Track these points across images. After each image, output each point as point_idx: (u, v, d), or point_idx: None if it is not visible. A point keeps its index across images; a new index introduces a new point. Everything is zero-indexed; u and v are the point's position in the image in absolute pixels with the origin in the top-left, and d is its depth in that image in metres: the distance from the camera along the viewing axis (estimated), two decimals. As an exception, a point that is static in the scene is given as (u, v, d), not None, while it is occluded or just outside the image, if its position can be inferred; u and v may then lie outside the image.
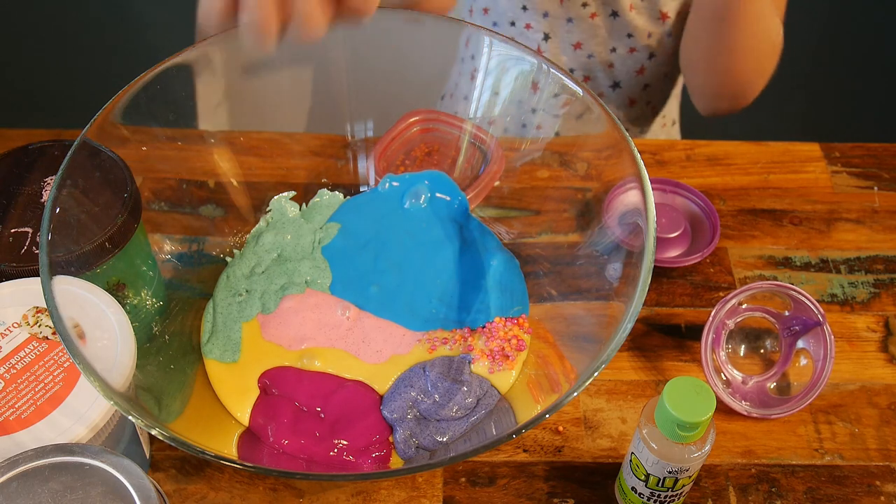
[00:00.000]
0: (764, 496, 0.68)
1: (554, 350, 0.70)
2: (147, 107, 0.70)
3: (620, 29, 0.98)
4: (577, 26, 0.97)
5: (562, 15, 0.96)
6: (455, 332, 0.73)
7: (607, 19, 0.97)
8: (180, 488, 0.67)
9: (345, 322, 0.73)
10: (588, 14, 0.96)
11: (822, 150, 0.92)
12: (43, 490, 0.51)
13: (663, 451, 0.59)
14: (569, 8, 0.95)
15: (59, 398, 0.59)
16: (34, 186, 0.69)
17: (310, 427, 0.67)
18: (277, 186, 0.81)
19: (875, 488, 0.68)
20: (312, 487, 0.67)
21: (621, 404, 0.73)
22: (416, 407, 0.68)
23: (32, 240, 0.66)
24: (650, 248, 0.62)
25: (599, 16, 0.96)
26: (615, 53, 1.00)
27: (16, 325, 0.62)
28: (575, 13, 0.95)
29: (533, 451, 0.70)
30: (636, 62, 1.01)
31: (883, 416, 0.73)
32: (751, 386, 0.74)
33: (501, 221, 0.80)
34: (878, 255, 0.83)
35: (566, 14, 0.96)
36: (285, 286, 0.75)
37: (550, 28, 1.00)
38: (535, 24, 1.00)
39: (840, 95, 1.81)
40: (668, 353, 0.76)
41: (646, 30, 0.98)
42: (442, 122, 0.83)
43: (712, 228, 0.82)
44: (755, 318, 0.75)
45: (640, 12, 0.97)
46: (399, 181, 0.80)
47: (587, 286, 0.72)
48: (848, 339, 0.77)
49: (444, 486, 0.68)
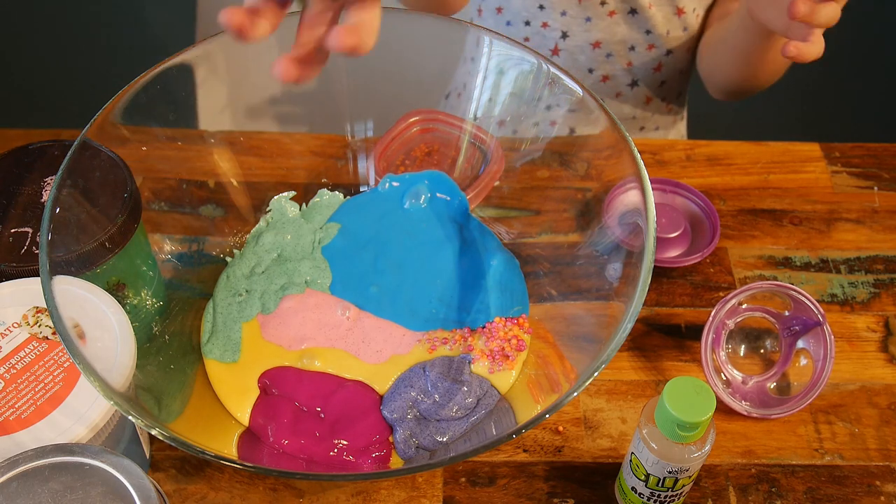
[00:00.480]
0: (764, 496, 0.68)
1: (554, 350, 0.70)
2: (147, 107, 0.70)
3: (639, 26, 0.98)
4: (596, 25, 0.96)
5: (580, 14, 0.95)
6: (455, 332, 0.73)
7: (626, 16, 0.96)
8: (180, 488, 0.67)
9: (345, 322, 0.73)
10: (606, 12, 0.95)
11: (822, 150, 0.92)
12: (43, 490, 0.51)
13: (663, 451, 0.59)
14: (587, 6, 0.95)
15: (59, 398, 0.59)
16: (34, 186, 0.69)
17: (310, 427, 0.67)
18: (277, 186, 0.81)
19: (875, 488, 0.68)
20: (312, 487, 0.67)
21: (621, 404, 0.72)
22: (416, 407, 0.68)
23: (32, 240, 0.66)
24: (650, 248, 0.62)
25: (618, 13, 0.96)
26: (634, 52, 1.00)
27: (16, 325, 0.62)
28: (593, 11, 0.95)
29: (533, 451, 0.70)
30: (654, 59, 1.01)
31: (883, 416, 0.73)
32: (751, 386, 0.74)
33: (501, 221, 0.80)
34: (878, 255, 0.83)
35: (584, 13, 0.95)
36: (285, 286, 0.75)
37: (568, 27, 1.00)
38: (553, 22, 0.99)
39: (840, 95, 1.81)
40: (668, 353, 0.76)
41: (664, 26, 0.98)
42: (442, 122, 0.83)
43: (712, 228, 0.82)
44: (755, 318, 0.75)
45: (660, 7, 0.97)
46: (399, 181, 0.80)
47: (587, 286, 0.72)
48: (848, 339, 0.77)
49: (444, 486, 0.68)
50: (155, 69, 0.70)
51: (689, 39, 1.02)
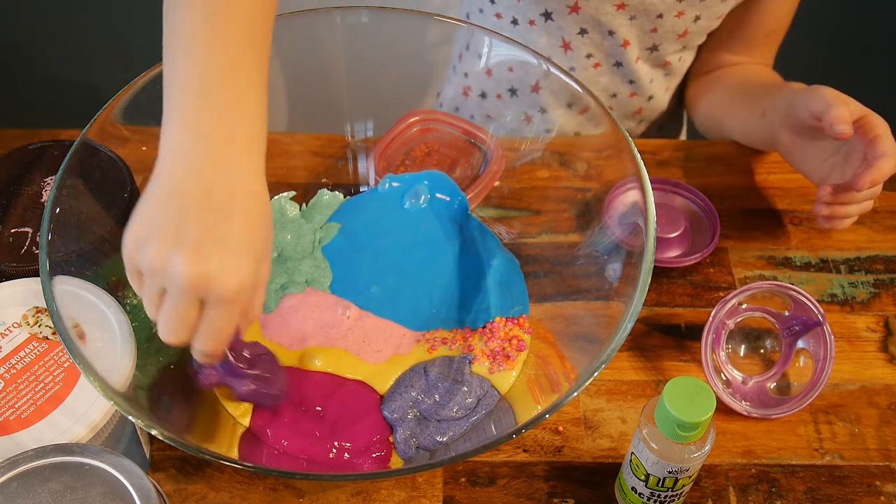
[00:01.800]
0: (764, 496, 0.68)
1: (554, 350, 0.70)
2: (147, 107, 0.70)
3: (623, 77, 0.97)
4: (579, 74, 0.95)
5: (564, 63, 0.95)
6: (455, 333, 0.73)
7: (611, 69, 0.95)
8: (180, 488, 0.67)
9: (345, 322, 0.73)
10: (592, 64, 0.94)
11: (822, 150, 0.92)
12: (43, 490, 0.51)
13: (663, 451, 0.59)
14: (572, 57, 0.94)
15: (59, 398, 0.59)
16: (34, 186, 0.69)
17: (310, 427, 0.67)
18: (277, 186, 0.81)
19: (875, 488, 0.68)
20: (312, 487, 0.67)
21: (621, 404, 0.72)
22: (416, 407, 0.68)
23: (32, 240, 0.66)
24: (650, 248, 0.62)
25: (603, 65, 0.95)
26: (615, 99, 0.99)
27: (16, 325, 0.62)
28: (578, 62, 0.94)
29: (533, 451, 0.70)
30: (634, 106, 1.00)
31: (883, 416, 0.73)
32: (751, 386, 0.74)
33: (501, 221, 0.80)
34: (878, 255, 0.83)
35: (569, 63, 0.94)
36: (285, 285, 0.75)
37: None
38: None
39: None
40: (668, 353, 0.76)
41: (648, 76, 0.97)
42: (442, 122, 0.83)
43: (712, 228, 0.82)
44: (755, 318, 0.75)
45: (645, 61, 0.96)
46: (399, 181, 0.80)
47: (587, 286, 0.72)
48: (848, 339, 0.77)
49: (444, 486, 0.68)
50: (155, 69, 0.70)
51: (671, 83, 1.01)
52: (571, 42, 0.92)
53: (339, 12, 0.77)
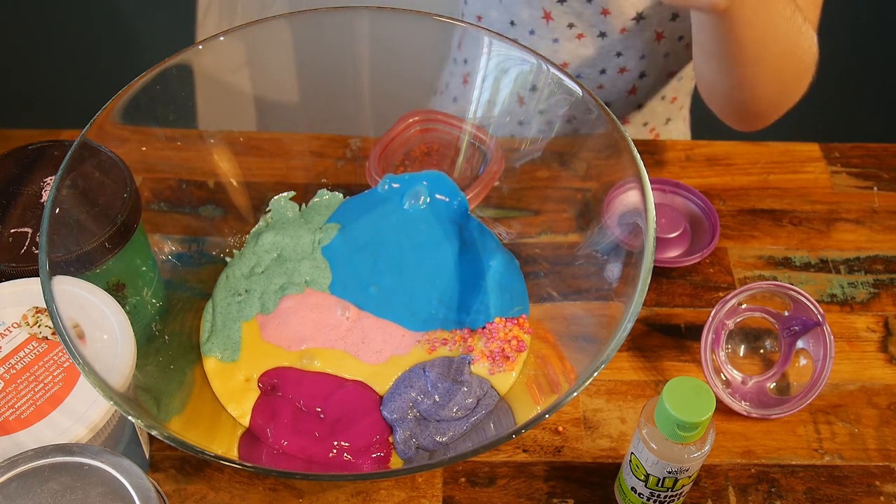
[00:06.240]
0: (764, 496, 0.68)
1: (554, 350, 0.70)
2: (147, 107, 0.70)
3: (609, 49, 0.95)
4: (563, 46, 0.94)
5: (547, 34, 0.93)
6: (455, 333, 0.73)
7: (595, 39, 0.93)
8: (180, 488, 0.67)
9: (344, 322, 0.73)
10: (574, 35, 0.93)
11: (822, 151, 0.92)
12: (43, 490, 0.51)
13: (663, 451, 0.59)
14: (554, 28, 0.92)
15: (58, 398, 0.59)
16: (34, 186, 0.69)
17: (310, 427, 0.67)
18: (277, 186, 0.81)
19: (875, 488, 0.69)
20: (312, 487, 0.67)
21: (621, 404, 0.73)
22: (416, 407, 0.68)
23: (32, 240, 0.66)
24: (650, 248, 0.62)
25: (587, 36, 0.93)
26: (605, 75, 0.98)
27: (16, 325, 0.62)
28: (560, 33, 0.93)
29: (533, 451, 0.70)
30: (626, 83, 0.99)
31: (883, 416, 0.73)
32: (750, 386, 0.74)
33: (501, 221, 0.80)
34: (877, 255, 0.83)
35: (552, 34, 0.93)
36: (284, 286, 0.75)
37: (536, 46, 0.98)
38: (523, 40, 0.98)
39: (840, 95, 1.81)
40: (667, 353, 0.76)
41: (638, 51, 0.96)
42: (441, 122, 0.83)
43: (712, 228, 0.82)
44: (755, 318, 0.75)
45: (632, 33, 0.94)
46: (398, 182, 0.80)
47: (587, 286, 0.72)
48: (848, 339, 0.77)
49: (443, 486, 0.68)
50: (155, 69, 0.70)
51: (670, 64, 0.99)
52: (552, 12, 0.91)
53: (339, 13, 0.77)
